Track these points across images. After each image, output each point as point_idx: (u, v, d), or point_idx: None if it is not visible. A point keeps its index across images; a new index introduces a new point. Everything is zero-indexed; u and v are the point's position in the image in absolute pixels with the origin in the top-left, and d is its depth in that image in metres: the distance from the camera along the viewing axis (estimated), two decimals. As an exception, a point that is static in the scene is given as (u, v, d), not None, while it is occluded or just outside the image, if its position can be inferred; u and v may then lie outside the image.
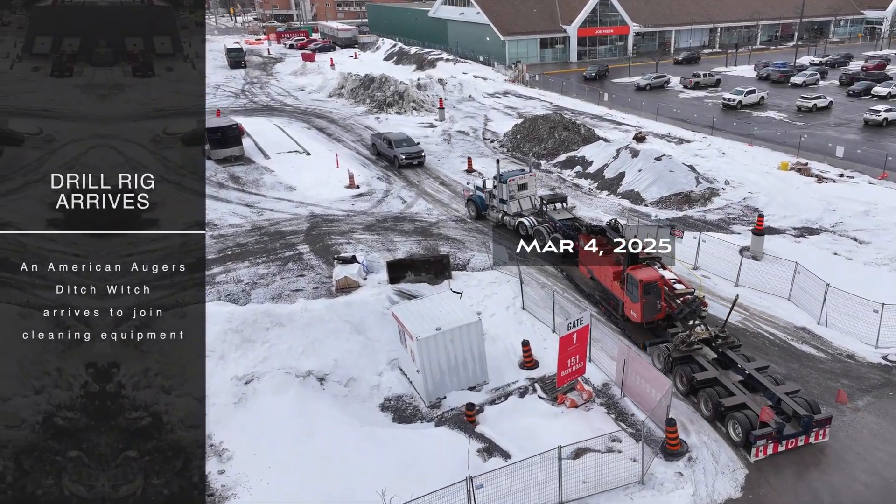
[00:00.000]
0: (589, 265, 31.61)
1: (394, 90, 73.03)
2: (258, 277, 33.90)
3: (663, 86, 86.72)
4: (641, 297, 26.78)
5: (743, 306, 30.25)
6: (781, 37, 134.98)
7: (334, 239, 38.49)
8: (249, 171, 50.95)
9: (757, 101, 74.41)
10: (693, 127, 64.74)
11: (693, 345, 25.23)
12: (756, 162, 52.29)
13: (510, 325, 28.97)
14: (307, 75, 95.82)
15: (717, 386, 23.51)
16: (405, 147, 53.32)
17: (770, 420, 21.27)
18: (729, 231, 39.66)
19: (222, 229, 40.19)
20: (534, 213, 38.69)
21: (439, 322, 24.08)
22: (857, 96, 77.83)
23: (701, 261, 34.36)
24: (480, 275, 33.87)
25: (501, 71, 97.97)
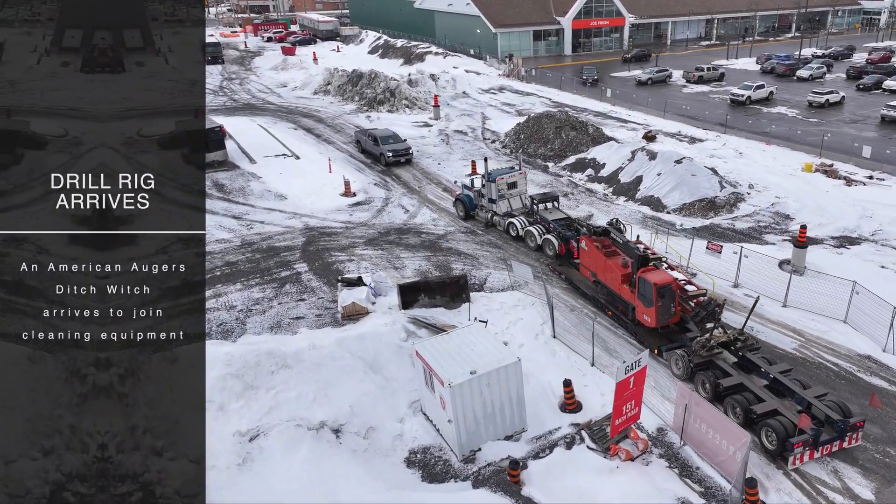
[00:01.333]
0: (592, 268, 30.78)
1: (384, 87, 70.06)
2: (253, 303, 30.94)
3: (665, 80, 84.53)
4: (656, 300, 26.07)
5: (796, 330, 28.16)
6: (779, 28, 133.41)
7: (334, 255, 35.57)
8: (234, 177, 47.86)
9: (766, 97, 72.25)
10: (703, 124, 62.52)
11: (713, 349, 24.65)
12: (777, 163, 50.07)
13: (542, 357, 26.25)
14: (289, 70, 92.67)
15: (744, 392, 22.92)
16: (392, 144, 51.65)
17: (808, 428, 20.63)
18: (761, 241, 37.28)
19: (209, 245, 37.09)
20: (524, 212, 37.89)
21: (472, 363, 21.30)
22: (868, 90, 76.05)
23: (741, 277, 31.78)
24: (501, 297, 31.12)
25: (494, 65, 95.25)
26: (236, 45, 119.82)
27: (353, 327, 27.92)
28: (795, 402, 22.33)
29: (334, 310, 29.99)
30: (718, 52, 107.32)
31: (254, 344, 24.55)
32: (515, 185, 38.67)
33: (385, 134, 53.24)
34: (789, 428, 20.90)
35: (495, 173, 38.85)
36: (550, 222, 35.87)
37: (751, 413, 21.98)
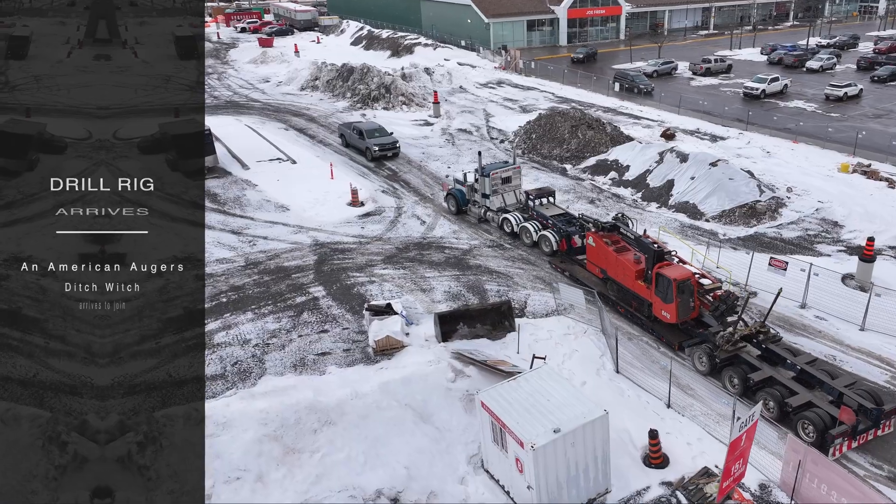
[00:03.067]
0: (601, 264, 30.60)
1: (378, 82, 67.19)
2: (269, 335, 28.14)
3: (671, 72, 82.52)
4: (676, 296, 26.14)
5: (883, 359, 25.88)
6: (776, 16, 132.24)
7: (352, 276, 32.83)
8: (227, 185, 44.86)
9: (780, 90, 70.47)
10: (722, 120, 60.49)
11: (738, 343, 24.79)
12: (809, 163, 48.05)
13: (609, 398, 23.61)
14: (269, 64, 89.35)
15: (776, 385, 23.20)
16: (378, 137, 50.74)
17: (851, 421, 20.93)
18: (814, 252, 35.17)
19: (209, 266, 34.23)
20: (518, 208, 37.66)
21: (552, 417, 18.72)
22: (883, 82, 74.65)
23: (809, 297, 29.50)
24: (546, 323, 28.57)
25: (489, 57, 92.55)
26: (208, 37, 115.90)
27: (391, 365, 25.23)
28: (826, 393, 22.74)
29: (363, 343, 27.32)
30: (719, 41, 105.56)
31: (286, 393, 21.70)
32: (510, 179, 38.18)
33: (370, 127, 52.21)
34: (827, 420, 21.24)
35: (489, 168, 38.33)
36: (548, 218, 35.26)
37: (786, 406, 22.33)
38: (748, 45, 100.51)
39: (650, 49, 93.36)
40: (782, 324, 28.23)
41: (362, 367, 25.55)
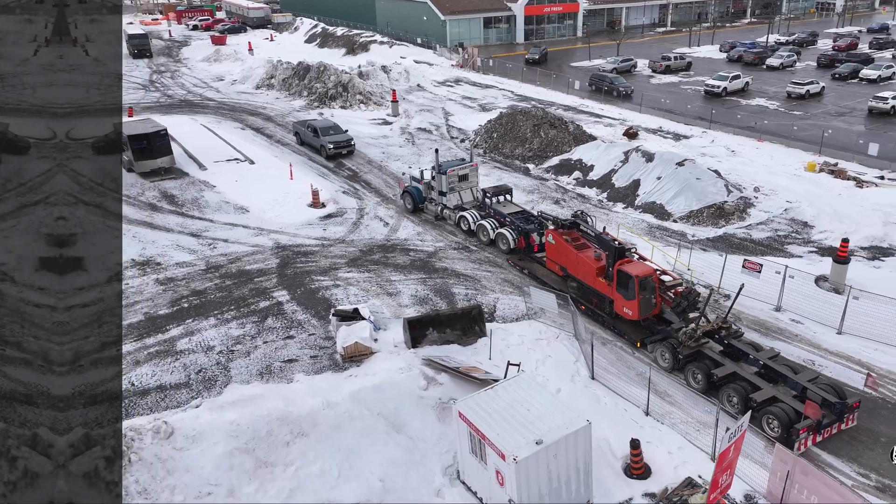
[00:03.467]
0: (560, 262, 30.61)
1: (336, 80, 66.20)
2: (233, 342, 27.25)
3: (630, 70, 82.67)
4: (638, 293, 26.15)
5: (863, 363, 25.54)
6: (734, 13, 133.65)
7: (316, 280, 32.04)
8: (185, 186, 43.67)
9: (742, 88, 70.94)
10: (684, 119, 60.60)
11: (700, 339, 24.84)
12: (775, 162, 48.28)
13: (586, 405, 23.24)
14: (223, 62, 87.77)
15: (739, 381, 23.29)
16: (332, 135, 50.39)
17: (817, 416, 21.08)
18: (785, 253, 35.19)
19: (169, 270, 33.19)
20: (475, 206, 37.63)
21: (533, 428, 18.22)
22: (844, 80, 75.54)
23: (784, 300, 29.37)
24: (517, 328, 28.09)
25: (445, 55, 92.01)
26: (160, 35, 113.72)
27: (360, 372, 24.55)
28: (789, 387, 22.98)
29: (331, 349, 26.58)
30: (677, 39, 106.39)
31: (255, 403, 20.89)
32: (467, 177, 38.17)
33: (325, 125, 51.77)
34: (791, 414, 21.41)
35: (446, 165, 38.23)
36: (505, 216, 35.08)
37: (750, 402, 22.36)
38: (707, 43, 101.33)
39: (608, 47, 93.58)
40: (758, 327, 28.10)
41: (331, 374, 24.85)
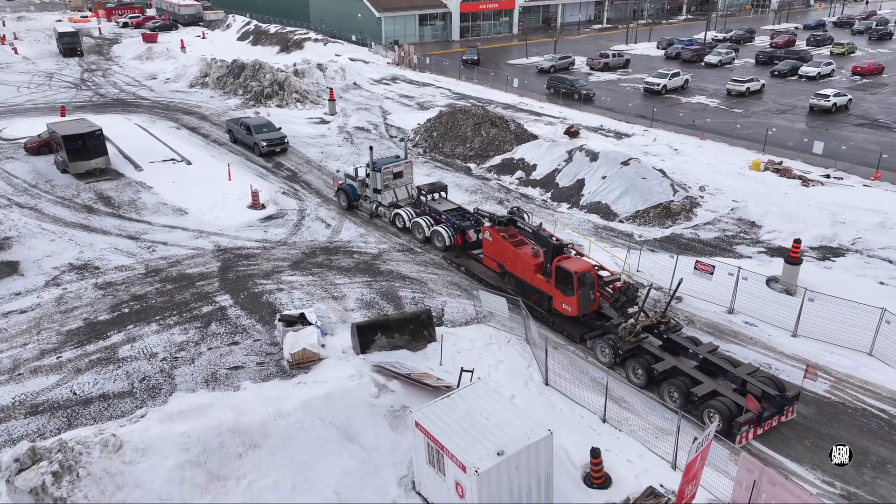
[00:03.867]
0: (498, 259, 30.57)
1: (271, 79, 65.22)
2: (176, 348, 26.58)
3: (568, 67, 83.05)
4: (577, 289, 26.23)
5: (820, 367, 25.50)
6: (670, 10, 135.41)
7: (259, 284, 31.48)
8: (121, 188, 42.51)
9: (681, 85, 71.80)
10: (624, 117, 61.17)
11: (640, 334, 25.11)
12: (719, 160, 48.93)
13: (541, 412, 23.05)
14: (155, 60, 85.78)
15: (680, 375, 23.55)
16: (266, 133, 50.15)
17: (756, 409, 21.42)
18: (733, 253, 35.56)
19: (107, 274, 32.26)
20: (410, 203, 37.79)
21: (494, 438, 17.97)
22: (783, 77, 76.90)
23: (737, 301, 29.59)
24: (467, 332, 27.95)
25: (381, 52, 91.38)
26: (89, 32, 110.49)
27: (309, 379, 24.12)
28: (729, 381, 23.26)
29: (277, 355, 26.13)
30: (613, 36, 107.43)
31: (204, 413, 20.31)
32: (401, 174, 38.03)
33: (258, 122, 51.54)
34: (732, 408, 21.64)
35: (380, 163, 38.08)
36: (441, 213, 35.18)
37: (691, 396, 22.58)
38: (644, 40, 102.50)
39: (544, 44, 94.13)
40: (711, 330, 28.30)
41: (279, 381, 24.40)
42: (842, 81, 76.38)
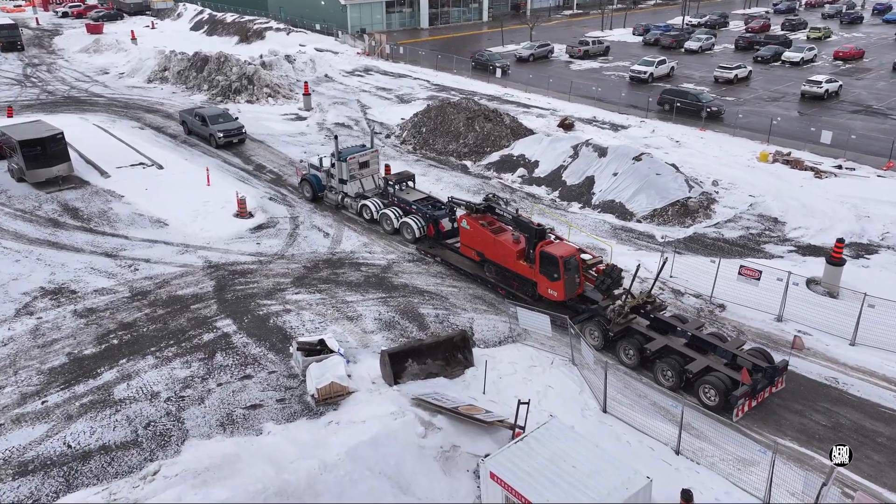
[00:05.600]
0: (477, 247, 30.53)
1: (239, 72, 62.10)
2: (181, 385, 23.95)
3: (547, 55, 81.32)
4: (563, 274, 26.43)
5: (890, 380, 24.08)
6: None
7: (263, 305, 28.92)
8: (88, 197, 39.44)
9: (668, 73, 70.53)
10: (617, 107, 59.42)
11: (628, 315, 25.44)
12: (725, 152, 47.54)
13: (608, 446, 20.84)
14: (104, 53, 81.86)
15: (672, 354, 23.97)
16: (222, 123, 49.22)
17: (750, 381, 22.04)
18: (762, 253, 34.13)
19: (87, 299, 29.38)
20: (377, 193, 37.32)
21: (588, 491, 15.89)
22: (767, 62, 76.24)
23: (787, 309, 27.85)
24: (505, 354, 25.79)
25: (349, 42, 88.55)
26: (26, 23, 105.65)
27: (341, 417, 21.78)
28: (719, 356, 23.88)
29: (298, 389, 23.74)
30: (585, 21, 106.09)
31: (237, 470, 17.81)
32: (368, 164, 37.51)
33: (213, 112, 50.52)
34: (727, 382, 22.30)
35: (346, 152, 37.46)
36: (411, 203, 34.72)
37: (686, 373, 23.17)
38: (618, 26, 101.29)
39: (517, 31, 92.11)
40: (764, 341, 26.52)
41: (306, 422, 21.99)
42: (825, 67, 76.09)
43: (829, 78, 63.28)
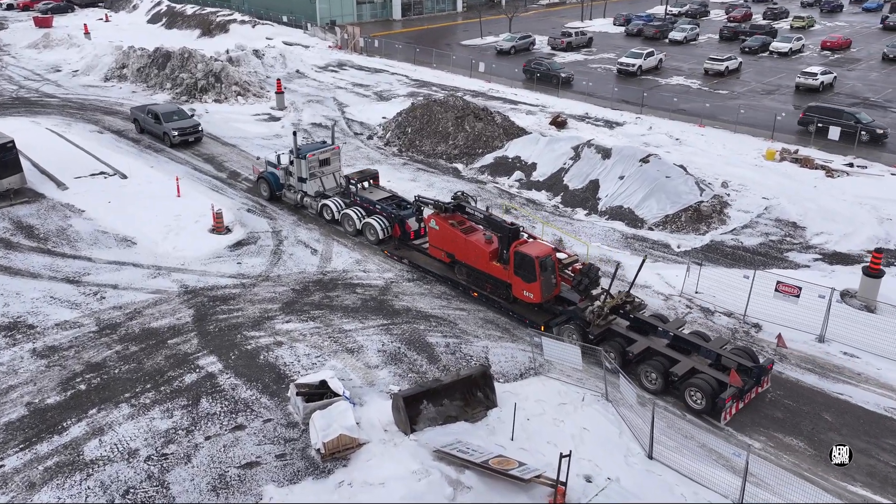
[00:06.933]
0: (447, 248, 29.67)
1: (205, 69, 58.88)
2: (163, 439, 21.12)
3: (529, 48, 79.15)
4: (539, 275, 25.70)
5: None
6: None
7: (251, 338, 26.15)
8: (44, 213, 36.27)
9: (656, 65, 68.90)
10: (609, 103, 57.40)
11: (608, 316, 24.77)
12: (729, 150, 45.88)
13: (660, 497, 18.73)
14: (55, 48, 77.92)
15: (655, 356, 23.39)
16: (177, 121, 47.48)
17: (740, 384, 21.53)
18: (786, 262, 32.31)
19: (48, 335, 26.35)
20: (339, 192, 36.22)
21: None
22: (754, 53, 75.09)
23: (830, 328, 25.77)
24: (530, 390, 23.35)
25: (319, 35, 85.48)
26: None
27: (354, 477, 19.32)
28: (703, 357, 23.30)
29: (299, 440, 21.12)
30: (564, 12, 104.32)
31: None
32: (328, 162, 36.47)
33: (167, 110, 48.83)
34: (714, 385, 21.75)
35: (305, 149, 36.39)
36: (375, 203, 33.69)
37: (671, 376, 22.57)
38: (598, 16, 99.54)
39: (494, 21, 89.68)
40: (810, 366, 24.59)
41: (313, 482, 19.48)
42: (813, 57, 75.26)
43: (825, 70, 62.09)
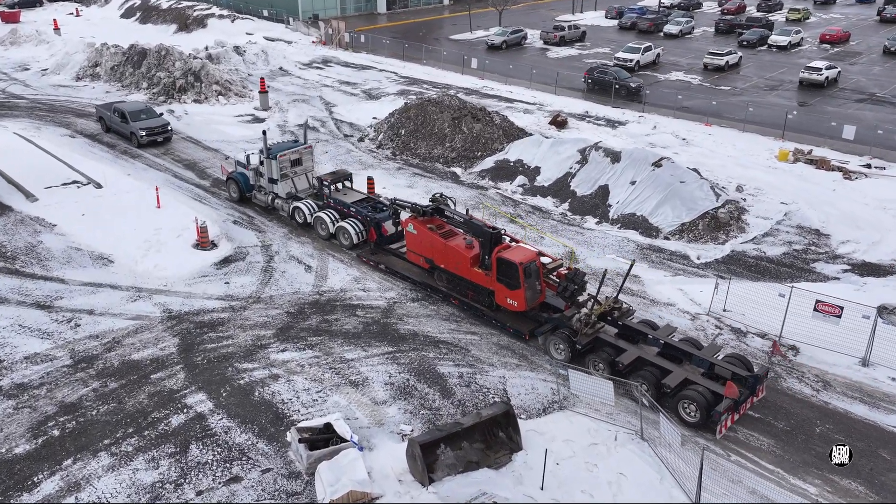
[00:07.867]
0: (425, 253, 28.65)
1: (184, 67, 56.42)
2: (149, 495, 18.96)
3: (520, 42, 77.40)
4: (523, 281, 24.96)
5: None
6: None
7: (242, 370, 24.02)
8: (11, 228, 33.91)
9: (654, 60, 67.34)
10: (610, 101, 55.47)
11: (596, 324, 24.18)
12: (740, 151, 44.36)
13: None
14: (23, 45, 75.21)
15: (646, 366, 22.65)
16: (144, 120, 46.00)
17: (737, 395, 20.93)
18: (815, 274, 30.63)
19: (15, 371, 24.09)
20: (311, 194, 35.29)
21: None
22: (753, 47, 73.78)
23: (875, 351, 24.02)
24: (556, 428, 21.43)
25: (301, 29, 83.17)
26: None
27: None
28: (695, 365, 22.67)
29: (303, 493, 19.05)
30: (554, 5, 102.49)
31: None
32: (300, 162, 35.48)
33: (134, 108, 47.32)
34: (709, 396, 21.10)
35: (276, 149, 35.38)
36: (349, 205, 32.86)
37: (663, 388, 21.79)
38: (589, 8, 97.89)
39: (482, 15, 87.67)
40: (855, 393, 22.84)
41: (321, 547, 17.28)
42: (812, 51, 74.21)
43: (829, 64, 60.76)
